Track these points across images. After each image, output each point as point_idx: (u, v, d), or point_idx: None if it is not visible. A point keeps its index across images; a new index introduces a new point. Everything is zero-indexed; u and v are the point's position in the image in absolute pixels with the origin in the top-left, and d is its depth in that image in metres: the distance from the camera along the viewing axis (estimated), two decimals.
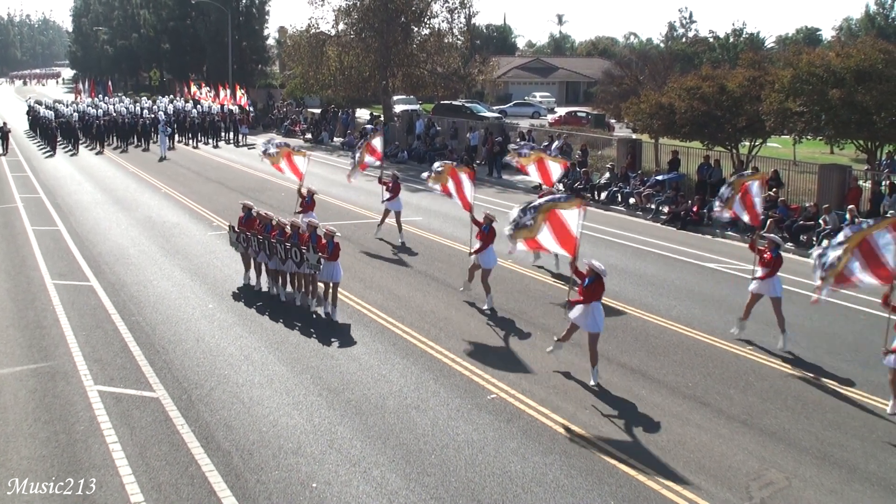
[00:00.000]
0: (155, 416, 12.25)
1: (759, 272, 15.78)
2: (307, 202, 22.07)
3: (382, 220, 24.32)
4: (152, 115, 54.61)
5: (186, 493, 10.18)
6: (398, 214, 23.99)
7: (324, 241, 16.87)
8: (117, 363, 14.36)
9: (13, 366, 14.25)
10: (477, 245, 17.63)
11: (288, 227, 17.72)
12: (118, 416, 12.25)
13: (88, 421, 12.05)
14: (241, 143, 52.93)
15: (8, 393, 13.10)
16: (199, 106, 59.92)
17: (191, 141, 53.59)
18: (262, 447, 11.35)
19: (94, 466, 10.72)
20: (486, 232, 17.46)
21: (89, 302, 17.95)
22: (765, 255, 15.75)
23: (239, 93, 61.02)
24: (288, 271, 17.80)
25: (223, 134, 55.29)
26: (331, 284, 17.01)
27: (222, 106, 59.75)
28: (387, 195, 23.78)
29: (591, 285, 13.73)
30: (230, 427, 11.94)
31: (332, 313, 16.96)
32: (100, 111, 56.19)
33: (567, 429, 12.04)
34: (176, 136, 52.60)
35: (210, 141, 53.85)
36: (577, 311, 13.87)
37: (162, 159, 44.28)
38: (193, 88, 68.90)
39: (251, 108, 63.12)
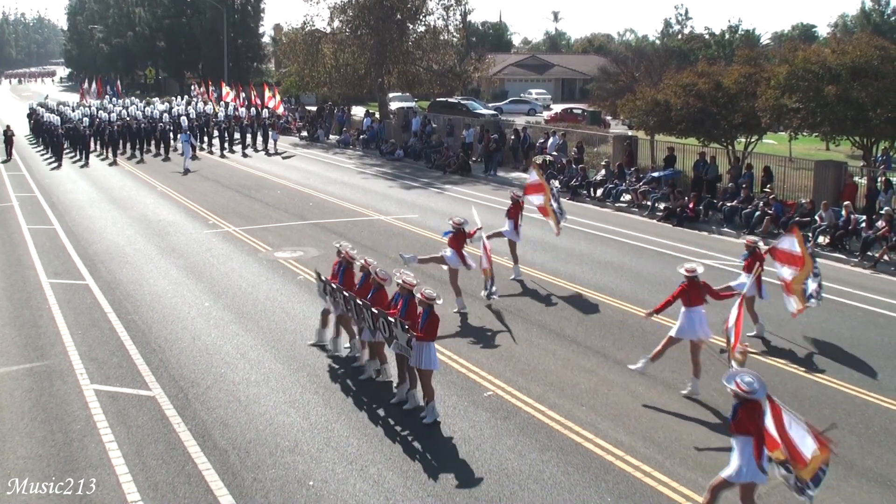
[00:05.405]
0: (151, 415, 12.23)
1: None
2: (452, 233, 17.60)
3: (513, 256, 20.24)
4: (172, 120, 49.40)
5: (183, 491, 10.17)
6: (513, 245, 20.13)
7: (419, 308, 12.24)
8: (113, 362, 14.34)
9: (9, 365, 14.22)
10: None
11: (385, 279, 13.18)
12: (114, 414, 12.23)
13: (85, 420, 12.03)
14: (272, 152, 46.83)
15: (4, 392, 13.08)
16: (223, 109, 53.97)
17: (213, 148, 47.58)
18: (259, 445, 11.34)
19: (91, 465, 10.70)
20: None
21: (85, 301, 17.92)
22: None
23: (268, 94, 54.91)
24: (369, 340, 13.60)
25: (249, 140, 48.89)
26: (417, 371, 12.35)
27: (249, 108, 54.41)
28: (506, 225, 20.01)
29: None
30: (227, 425, 11.93)
31: (427, 415, 12.20)
32: (112, 115, 49.40)
33: (564, 425, 12.04)
34: (197, 144, 46.30)
35: (236, 148, 47.91)
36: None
37: (186, 172, 38.09)
38: (212, 88, 62.70)
39: (291, 115, 57.14)
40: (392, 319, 12.23)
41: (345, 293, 13.67)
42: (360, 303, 13.09)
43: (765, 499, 10.24)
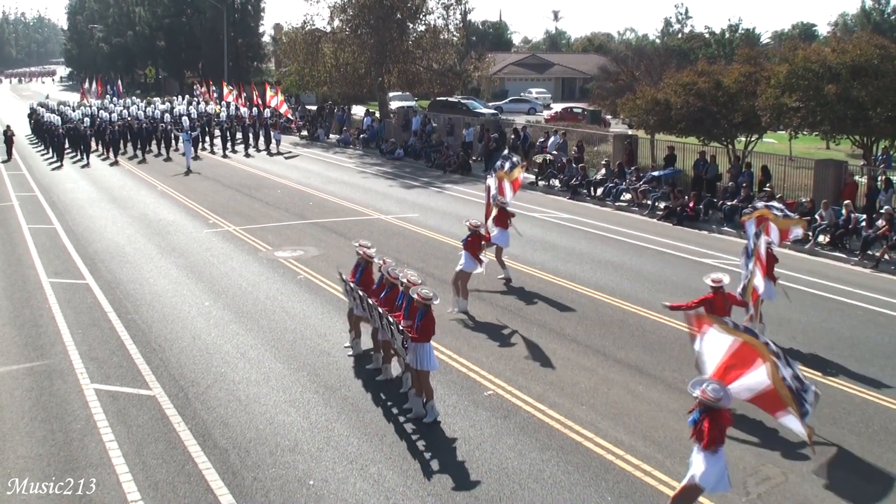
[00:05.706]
0: (151, 414, 12.24)
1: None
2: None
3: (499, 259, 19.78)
4: (173, 120, 49.00)
5: (183, 490, 10.17)
6: (500, 251, 19.71)
7: (416, 307, 12.03)
8: (113, 361, 14.34)
9: (9, 364, 14.22)
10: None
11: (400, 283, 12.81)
12: (115, 414, 12.23)
13: (85, 419, 12.04)
14: (273, 152, 46.34)
15: (4, 391, 13.08)
16: (225, 109, 53.55)
17: (215, 148, 46.92)
18: (259, 444, 11.34)
19: (91, 465, 10.71)
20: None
21: (85, 300, 17.92)
22: None
23: (269, 93, 53.19)
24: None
25: (251, 140, 48.53)
26: (415, 372, 12.19)
27: (251, 108, 54.03)
28: (494, 229, 19.36)
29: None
30: (227, 425, 11.93)
31: (425, 412, 12.19)
32: (113, 115, 49.14)
33: (564, 424, 12.04)
34: (199, 144, 45.62)
35: (238, 148, 47.54)
36: None
37: (188, 171, 37.88)
38: (213, 88, 61.86)
39: (294, 115, 56.12)
40: (391, 320, 12.27)
41: (359, 292, 13.67)
42: (370, 303, 13.16)
43: (765, 498, 10.25)
